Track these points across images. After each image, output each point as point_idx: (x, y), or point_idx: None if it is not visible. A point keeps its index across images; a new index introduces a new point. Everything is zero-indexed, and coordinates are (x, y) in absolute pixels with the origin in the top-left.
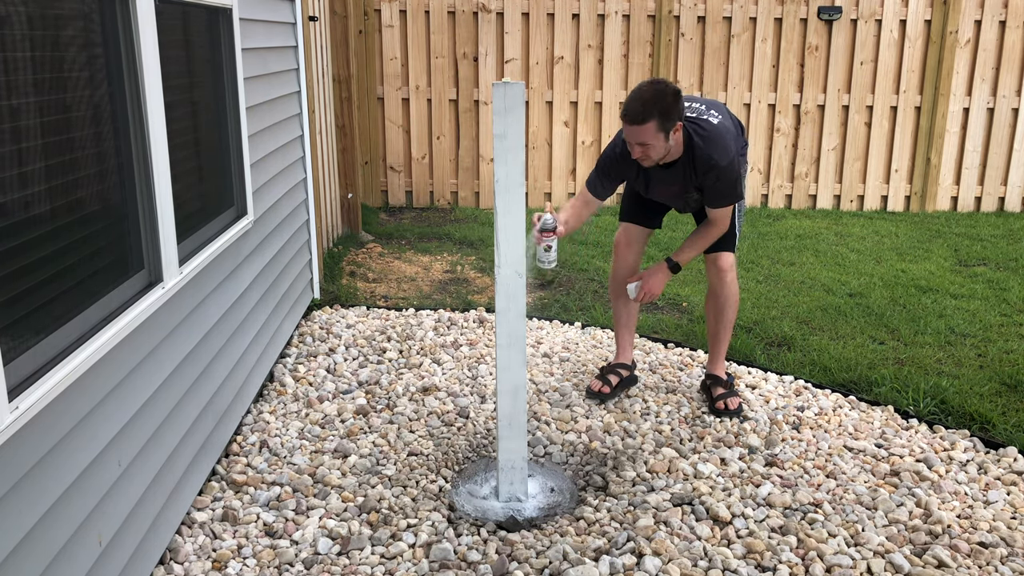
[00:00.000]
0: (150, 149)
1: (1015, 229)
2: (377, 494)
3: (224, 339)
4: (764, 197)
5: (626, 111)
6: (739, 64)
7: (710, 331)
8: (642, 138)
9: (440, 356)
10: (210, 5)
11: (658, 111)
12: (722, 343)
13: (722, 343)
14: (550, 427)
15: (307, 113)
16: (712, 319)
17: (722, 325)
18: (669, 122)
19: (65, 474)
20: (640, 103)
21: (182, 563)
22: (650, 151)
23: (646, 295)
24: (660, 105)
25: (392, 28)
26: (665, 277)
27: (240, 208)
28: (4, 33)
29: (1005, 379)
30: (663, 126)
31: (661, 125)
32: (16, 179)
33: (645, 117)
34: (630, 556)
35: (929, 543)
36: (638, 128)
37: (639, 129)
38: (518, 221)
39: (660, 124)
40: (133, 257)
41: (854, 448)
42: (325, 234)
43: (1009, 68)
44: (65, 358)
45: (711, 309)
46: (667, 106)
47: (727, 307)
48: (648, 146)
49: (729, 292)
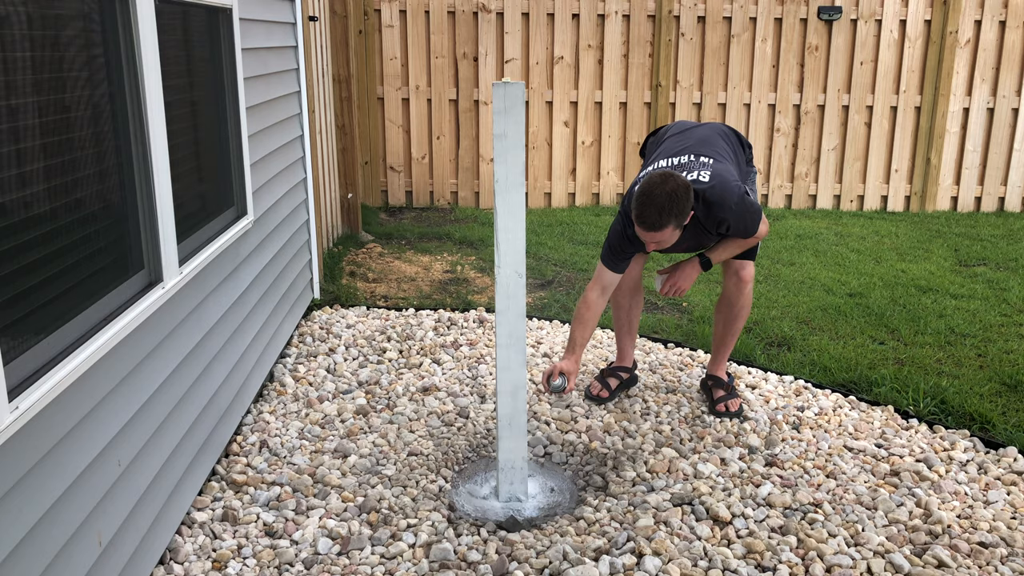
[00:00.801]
0: (150, 149)
1: (1015, 229)
2: (377, 494)
3: (224, 339)
4: (764, 197)
5: (643, 219)
6: (739, 64)
7: (717, 335)
8: (659, 239)
9: (440, 356)
10: (210, 5)
11: (674, 216)
12: (728, 348)
13: (728, 348)
14: (550, 427)
15: (307, 113)
16: (721, 325)
17: (731, 332)
18: (683, 218)
19: (65, 474)
20: (657, 212)
21: (182, 563)
22: (665, 243)
23: (674, 289)
24: (675, 208)
25: (392, 28)
26: (695, 273)
27: (240, 208)
28: (4, 33)
29: (1005, 379)
30: (679, 224)
31: (677, 224)
32: (16, 179)
33: (663, 224)
34: (630, 556)
35: (929, 543)
36: (656, 233)
37: (657, 234)
38: (518, 221)
39: (676, 224)
40: (133, 257)
41: (854, 448)
42: (325, 234)
43: (1009, 68)
44: (65, 358)
45: (723, 316)
46: (682, 207)
47: (740, 316)
48: (659, 243)
49: (745, 302)
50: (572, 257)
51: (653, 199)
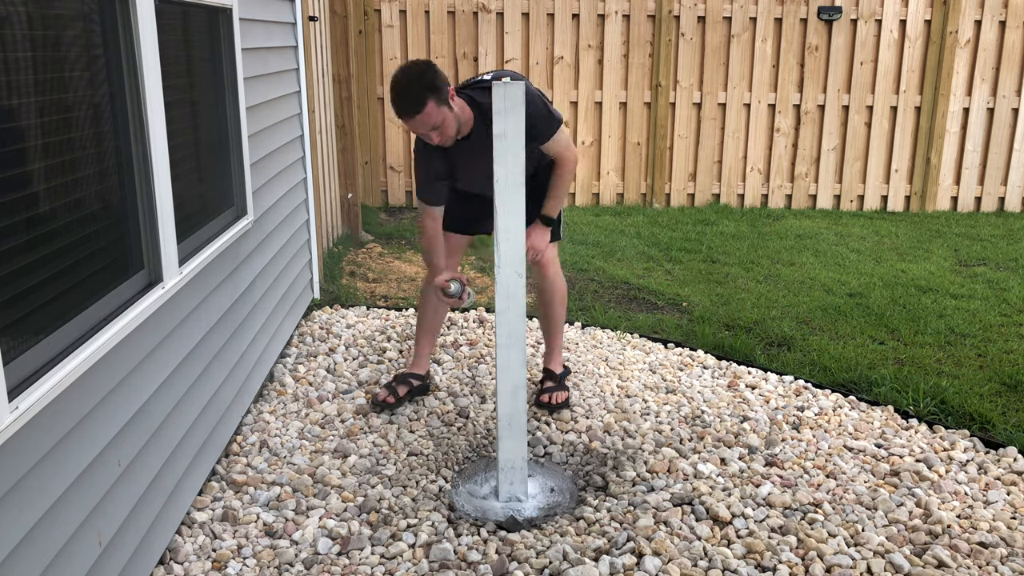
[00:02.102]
0: (150, 149)
1: (1015, 229)
2: (377, 494)
3: (224, 339)
4: (764, 197)
5: (401, 110)
6: (739, 64)
7: (541, 327)
8: (430, 122)
9: (440, 356)
10: (210, 5)
11: (426, 88)
12: (553, 337)
13: (553, 337)
14: (550, 427)
15: (307, 113)
16: (541, 317)
17: (551, 320)
18: (441, 92)
19: (65, 474)
20: (406, 93)
21: (182, 563)
22: (446, 128)
23: (533, 252)
24: (423, 81)
25: (392, 28)
26: (544, 231)
27: (240, 208)
28: (4, 33)
29: (1005, 379)
30: (439, 99)
31: (438, 99)
32: (16, 179)
33: (419, 101)
34: (630, 556)
35: (929, 543)
36: (421, 116)
37: (422, 116)
38: (518, 221)
39: (436, 99)
40: (133, 257)
41: (854, 448)
42: (325, 234)
43: (1009, 68)
44: (65, 358)
45: (539, 306)
46: (429, 79)
47: (553, 303)
48: (440, 126)
49: (551, 287)
50: (572, 257)
51: (398, 86)
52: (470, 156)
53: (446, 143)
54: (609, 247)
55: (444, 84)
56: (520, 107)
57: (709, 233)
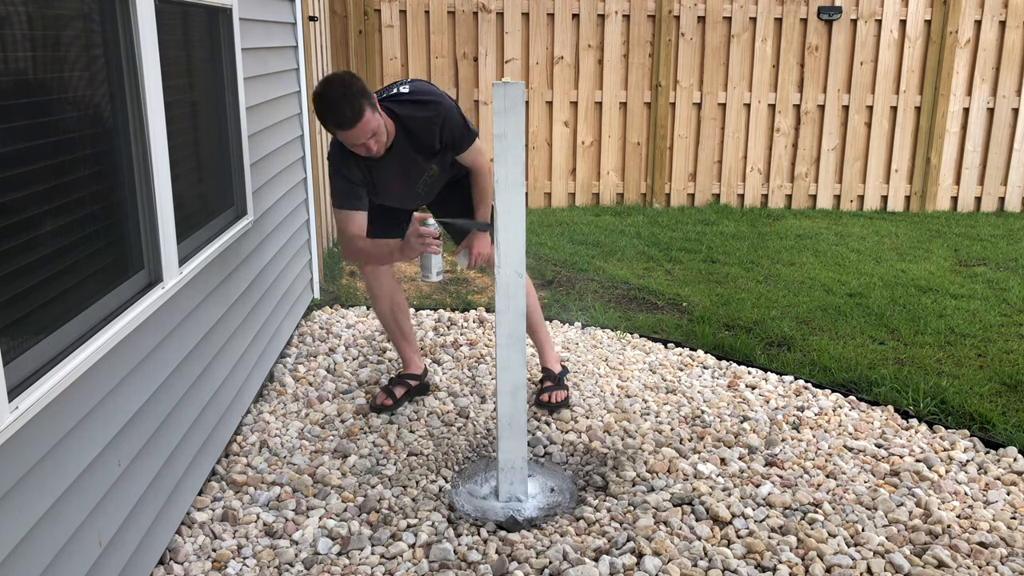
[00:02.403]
0: (150, 149)
1: (1015, 229)
2: (377, 494)
3: (224, 339)
4: (764, 197)
5: (341, 121)
6: (739, 64)
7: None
8: (370, 128)
9: (440, 356)
10: (210, 5)
11: (360, 95)
12: (539, 337)
13: (539, 337)
14: (550, 427)
15: (307, 113)
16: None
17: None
18: (371, 98)
19: (65, 474)
20: (345, 102)
21: (182, 563)
22: (381, 135)
23: (479, 258)
24: (356, 89)
25: (392, 28)
26: (485, 237)
27: (240, 208)
28: (4, 33)
29: (1005, 379)
30: (372, 105)
31: (372, 106)
32: (16, 179)
33: (359, 109)
34: (630, 556)
35: (929, 543)
36: (361, 124)
37: (363, 124)
38: (518, 221)
39: (371, 106)
40: (133, 257)
41: (854, 448)
42: (325, 234)
43: (1009, 68)
44: (65, 358)
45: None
46: (360, 86)
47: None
48: (377, 132)
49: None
50: (572, 257)
51: (331, 96)
52: (392, 168)
53: (380, 152)
54: (609, 247)
55: (369, 90)
56: (520, 107)
57: (709, 233)
